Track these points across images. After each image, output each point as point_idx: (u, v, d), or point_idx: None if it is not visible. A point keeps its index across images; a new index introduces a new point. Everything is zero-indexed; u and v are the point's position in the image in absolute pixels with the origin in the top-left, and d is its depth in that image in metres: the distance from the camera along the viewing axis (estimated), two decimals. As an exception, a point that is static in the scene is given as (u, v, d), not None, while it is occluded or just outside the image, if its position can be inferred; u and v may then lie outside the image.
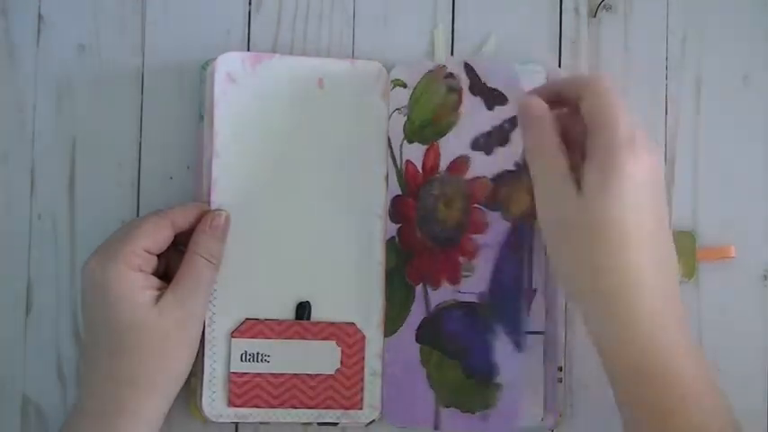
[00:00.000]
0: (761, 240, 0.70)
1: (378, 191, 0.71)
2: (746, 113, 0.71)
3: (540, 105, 0.63)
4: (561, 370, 0.68)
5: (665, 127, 0.71)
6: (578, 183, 0.60)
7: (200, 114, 0.70)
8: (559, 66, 0.71)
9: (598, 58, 0.71)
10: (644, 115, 0.71)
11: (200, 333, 0.66)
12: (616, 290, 0.60)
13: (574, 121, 0.63)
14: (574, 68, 0.71)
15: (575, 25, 0.72)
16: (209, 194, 0.68)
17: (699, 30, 0.71)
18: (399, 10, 0.72)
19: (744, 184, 0.71)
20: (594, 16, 0.72)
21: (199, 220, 0.67)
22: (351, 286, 0.70)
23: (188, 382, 0.68)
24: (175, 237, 0.67)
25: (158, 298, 0.64)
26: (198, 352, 0.67)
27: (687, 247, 0.69)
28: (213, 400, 0.68)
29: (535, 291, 0.68)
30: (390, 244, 0.70)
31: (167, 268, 0.67)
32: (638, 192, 0.59)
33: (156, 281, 0.65)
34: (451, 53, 0.72)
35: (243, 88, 0.69)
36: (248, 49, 0.72)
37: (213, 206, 0.68)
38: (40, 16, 0.72)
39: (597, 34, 0.72)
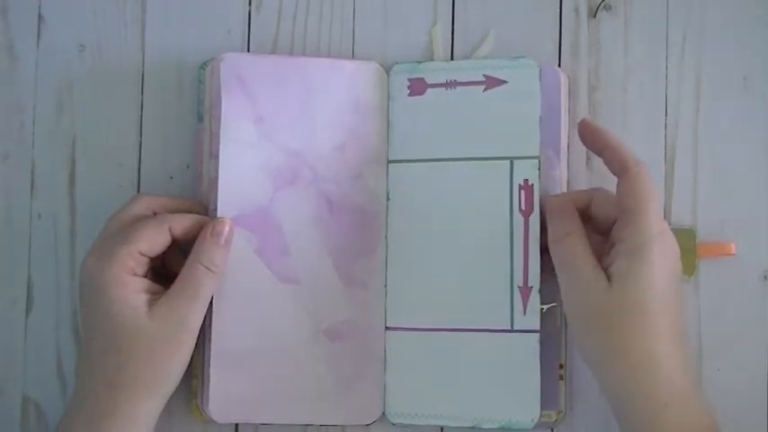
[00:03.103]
0: (761, 240, 0.70)
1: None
2: (746, 113, 0.71)
3: (563, 199, 0.66)
4: (562, 367, 0.68)
5: (664, 127, 0.71)
6: (605, 269, 0.62)
7: (200, 114, 0.70)
8: (559, 65, 0.71)
9: (598, 58, 0.71)
10: (644, 116, 0.71)
11: (194, 340, 0.65)
12: (638, 369, 0.61)
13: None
14: (574, 68, 0.71)
15: (575, 25, 0.72)
16: (209, 195, 0.68)
17: (699, 30, 0.71)
18: (399, 9, 0.72)
19: (744, 184, 0.70)
20: (594, 16, 0.72)
21: (198, 228, 0.66)
22: None
23: (188, 382, 0.68)
24: (181, 245, 0.67)
25: (152, 302, 0.64)
26: (201, 354, 0.67)
27: (688, 245, 0.68)
28: None
29: (531, 288, 0.68)
30: None
31: (172, 277, 0.67)
32: (665, 280, 0.61)
33: (150, 284, 0.65)
34: (451, 52, 0.72)
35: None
36: (248, 49, 0.72)
37: (215, 205, 0.68)
38: (40, 16, 0.72)
39: (597, 34, 0.72)
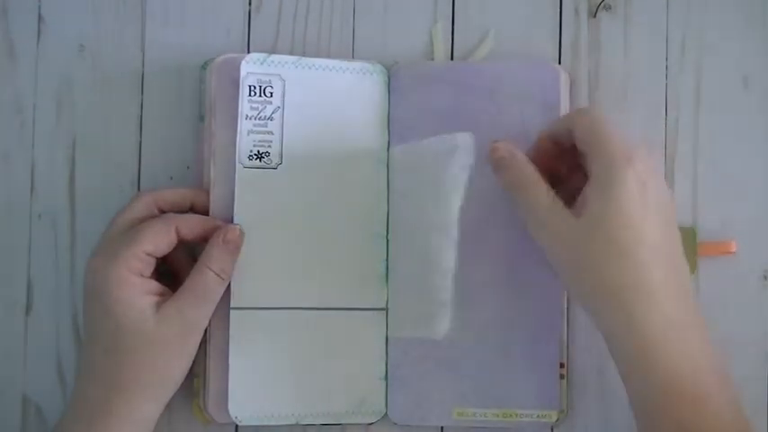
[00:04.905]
0: (761, 240, 0.70)
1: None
2: (746, 114, 0.71)
3: (506, 146, 0.65)
4: (563, 366, 0.68)
5: (665, 127, 0.71)
6: (568, 204, 0.62)
7: (201, 114, 0.70)
8: (559, 65, 0.71)
9: (598, 58, 0.71)
10: (644, 116, 0.71)
11: (198, 343, 0.66)
12: (628, 302, 0.59)
13: (562, 161, 0.65)
14: (574, 68, 0.71)
15: (575, 25, 0.72)
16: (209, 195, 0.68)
17: (699, 30, 0.71)
18: (399, 10, 0.72)
19: (744, 184, 0.71)
20: (594, 16, 0.72)
21: (205, 230, 0.66)
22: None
23: (190, 382, 0.68)
24: (187, 244, 0.67)
25: (159, 304, 0.64)
26: (204, 354, 0.67)
27: (688, 243, 0.69)
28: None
29: None
30: None
31: (176, 274, 0.67)
32: (639, 205, 0.60)
33: (157, 286, 0.65)
34: (451, 53, 0.72)
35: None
36: (248, 49, 0.72)
37: (213, 204, 0.68)
38: (40, 16, 0.72)
39: (597, 34, 0.72)
